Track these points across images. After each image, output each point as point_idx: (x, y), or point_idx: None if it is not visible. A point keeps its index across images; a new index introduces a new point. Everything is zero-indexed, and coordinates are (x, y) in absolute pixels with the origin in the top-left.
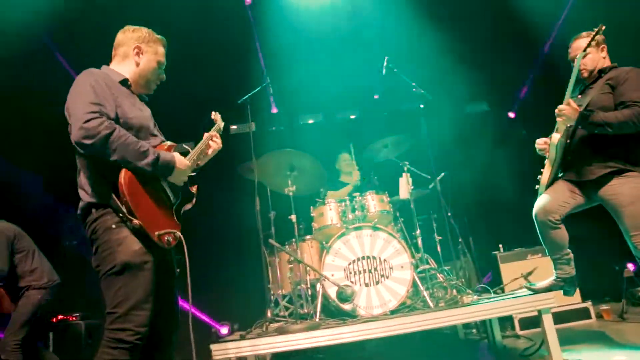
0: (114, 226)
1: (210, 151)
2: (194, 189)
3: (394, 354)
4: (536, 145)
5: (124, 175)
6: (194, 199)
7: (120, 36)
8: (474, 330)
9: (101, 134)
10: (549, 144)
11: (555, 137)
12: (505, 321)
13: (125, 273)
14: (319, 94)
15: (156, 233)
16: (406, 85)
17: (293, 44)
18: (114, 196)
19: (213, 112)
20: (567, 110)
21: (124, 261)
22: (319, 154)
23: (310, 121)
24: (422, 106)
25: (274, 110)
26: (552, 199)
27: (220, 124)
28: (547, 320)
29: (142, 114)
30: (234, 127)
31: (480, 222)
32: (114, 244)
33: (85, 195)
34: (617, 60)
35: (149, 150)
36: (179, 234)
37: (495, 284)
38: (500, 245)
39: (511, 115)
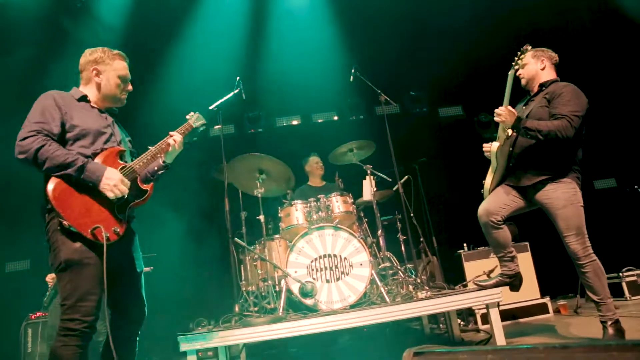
0: (59, 227)
1: (170, 148)
2: (148, 186)
3: (363, 348)
4: (483, 149)
5: (50, 182)
6: (147, 196)
7: (81, 60)
8: (442, 326)
9: (32, 149)
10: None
11: (495, 145)
12: (470, 316)
13: (69, 269)
14: (298, 96)
15: (89, 230)
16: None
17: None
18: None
19: (191, 113)
20: (505, 112)
21: (65, 259)
22: (292, 156)
23: (291, 122)
24: (385, 113)
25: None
26: (494, 201)
27: (191, 122)
28: (494, 313)
29: (91, 122)
30: (217, 126)
31: (445, 222)
32: (59, 244)
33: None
34: None
35: (77, 160)
36: (118, 229)
37: (459, 280)
38: (465, 244)
39: None
